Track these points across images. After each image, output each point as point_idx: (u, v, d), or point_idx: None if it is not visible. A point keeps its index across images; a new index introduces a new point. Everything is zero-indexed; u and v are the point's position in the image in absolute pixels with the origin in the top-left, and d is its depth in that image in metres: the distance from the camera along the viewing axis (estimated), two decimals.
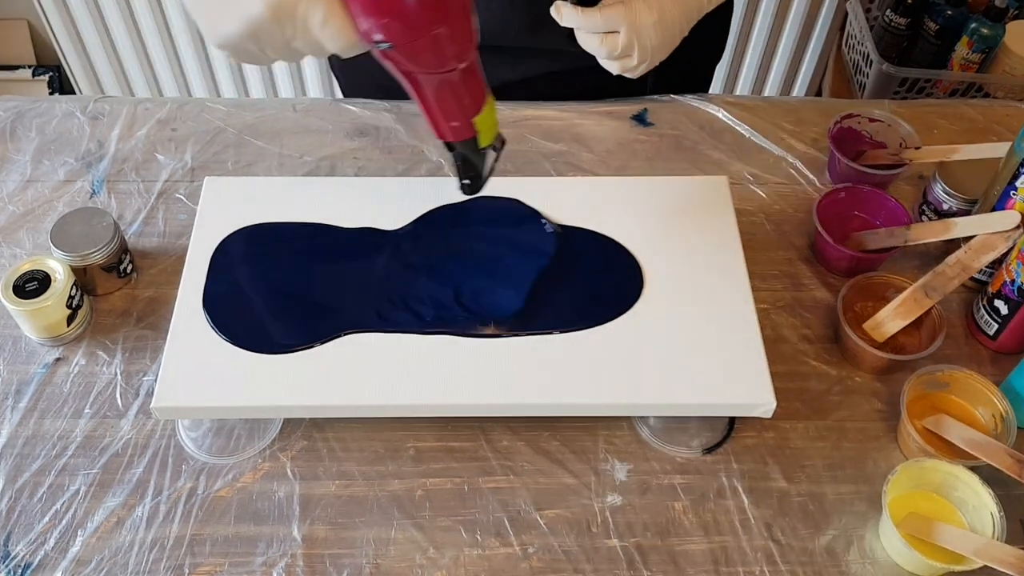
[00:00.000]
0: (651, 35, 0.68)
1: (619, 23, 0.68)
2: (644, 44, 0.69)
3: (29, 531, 0.64)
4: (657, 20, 0.68)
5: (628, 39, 0.68)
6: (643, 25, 0.68)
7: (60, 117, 0.91)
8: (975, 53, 1.37)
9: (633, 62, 0.70)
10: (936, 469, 0.65)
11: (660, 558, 0.64)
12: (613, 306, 0.70)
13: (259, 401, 0.65)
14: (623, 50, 0.69)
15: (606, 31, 0.68)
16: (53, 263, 0.73)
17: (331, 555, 0.64)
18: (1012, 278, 0.71)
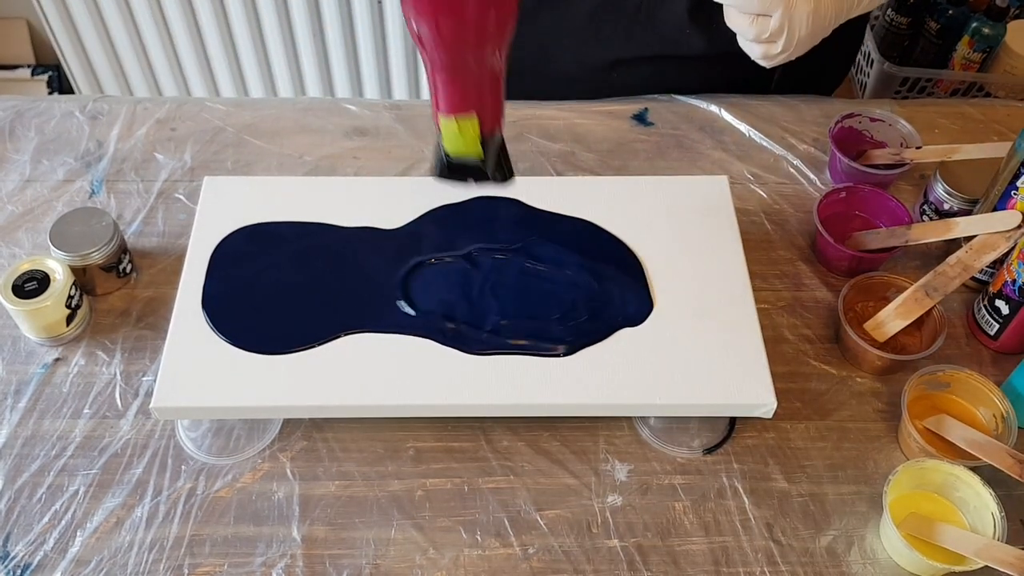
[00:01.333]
0: (803, 24, 0.66)
1: (775, 6, 0.65)
2: (793, 33, 0.66)
3: (28, 531, 0.64)
4: (812, 11, 0.66)
5: (780, 24, 0.66)
6: (798, 13, 0.65)
7: (59, 117, 0.91)
8: (976, 52, 1.37)
9: (777, 48, 0.67)
10: (937, 469, 0.64)
11: (660, 558, 0.64)
12: (618, 322, 0.69)
13: (259, 401, 0.65)
14: (772, 34, 0.66)
15: (760, 12, 0.66)
16: (52, 263, 0.73)
17: (331, 555, 0.64)
18: (1013, 278, 0.71)
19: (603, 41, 0.87)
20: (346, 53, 1.65)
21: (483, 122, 0.60)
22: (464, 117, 0.59)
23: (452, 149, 0.61)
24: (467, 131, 0.59)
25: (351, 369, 0.66)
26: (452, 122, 0.58)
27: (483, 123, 0.60)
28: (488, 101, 0.59)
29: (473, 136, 0.60)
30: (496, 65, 0.57)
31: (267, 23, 1.60)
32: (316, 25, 1.60)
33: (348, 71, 1.68)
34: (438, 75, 0.57)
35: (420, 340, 0.68)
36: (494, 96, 0.59)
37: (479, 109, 0.59)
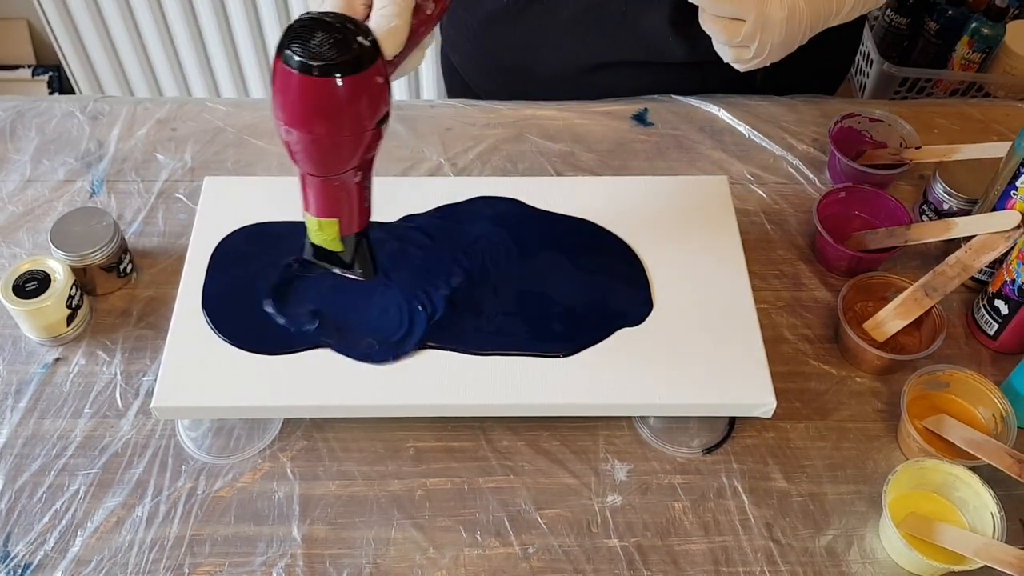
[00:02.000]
0: (776, 31, 0.66)
1: (748, 11, 0.65)
2: (766, 39, 0.66)
3: (29, 531, 0.64)
4: (786, 17, 0.66)
5: (752, 30, 0.66)
6: (771, 19, 0.65)
7: (60, 117, 0.91)
8: (975, 53, 1.37)
9: (749, 54, 0.68)
10: (936, 469, 0.64)
11: (660, 558, 0.64)
12: (618, 322, 0.69)
13: (259, 401, 0.65)
14: (744, 39, 0.66)
15: (732, 16, 0.66)
16: (53, 263, 0.73)
17: (331, 555, 0.64)
18: (1012, 278, 0.71)
19: (588, 44, 0.87)
20: None
21: (343, 226, 0.61)
22: (325, 219, 0.60)
23: (315, 241, 0.62)
24: (328, 230, 0.61)
25: (351, 369, 0.66)
26: (314, 220, 0.60)
27: (343, 227, 0.61)
28: (348, 210, 0.60)
29: (333, 236, 0.61)
30: (359, 181, 0.58)
31: (267, 23, 1.60)
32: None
33: None
34: (303, 181, 0.59)
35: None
36: (356, 205, 0.60)
37: (339, 216, 0.60)
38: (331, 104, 0.52)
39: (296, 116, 0.53)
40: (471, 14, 0.93)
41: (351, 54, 0.51)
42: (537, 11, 0.87)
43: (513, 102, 0.93)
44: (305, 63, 0.50)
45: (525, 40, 0.90)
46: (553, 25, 0.87)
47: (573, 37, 0.88)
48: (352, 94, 0.52)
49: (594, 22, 0.85)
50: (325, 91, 0.51)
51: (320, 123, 0.53)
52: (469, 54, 0.99)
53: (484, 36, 0.93)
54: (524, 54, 0.92)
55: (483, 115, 0.92)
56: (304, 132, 0.53)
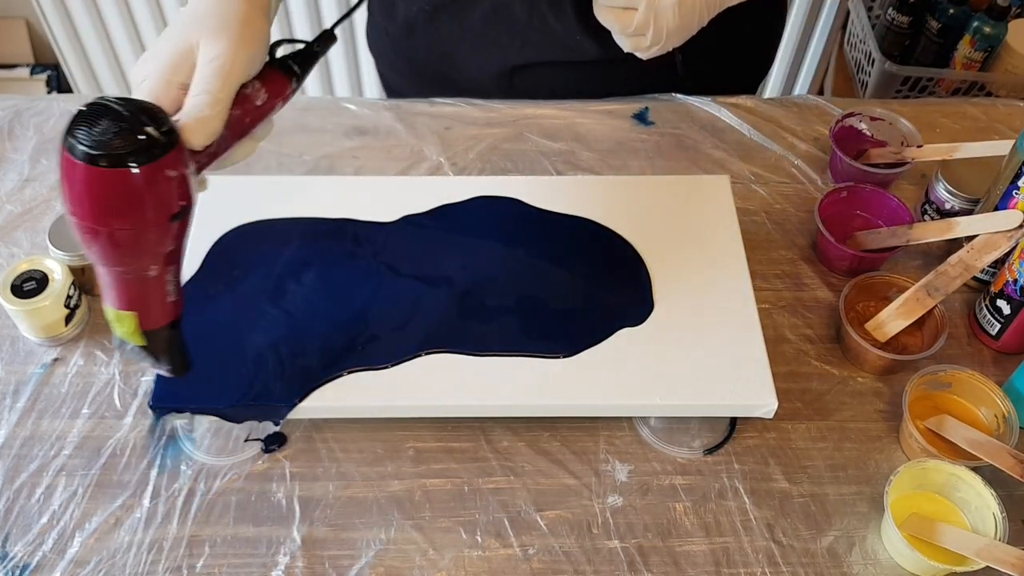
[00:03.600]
0: (669, 17, 0.66)
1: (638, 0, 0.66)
2: (660, 25, 0.66)
3: (27, 532, 0.64)
4: (678, 2, 0.66)
5: (645, 18, 0.66)
6: (663, 5, 0.66)
7: (58, 116, 0.91)
8: (977, 52, 1.37)
9: (646, 42, 0.68)
10: (938, 470, 0.64)
11: (661, 559, 0.64)
12: (618, 322, 0.69)
13: (257, 402, 0.65)
14: (637, 28, 0.66)
15: (625, 6, 0.66)
16: (51, 263, 0.73)
17: (330, 556, 0.63)
18: (1015, 278, 0.71)
19: (500, 47, 0.87)
20: (346, 53, 1.65)
21: (143, 320, 0.55)
22: (123, 311, 0.55)
23: (114, 331, 0.57)
24: (125, 323, 0.55)
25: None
26: (111, 311, 0.55)
27: (143, 321, 0.55)
28: (147, 304, 0.55)
29: (132, 329, 0.56)
30: (157, 275, 0.53)
31: None
32: (316, 25, 1.60)
33: (348, 71, 1.68)
34: (98, 271, 0.54)
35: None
36: (157, 299, 0.55)
37: (137, 309, 0.55)
38: (112, 196, 0.48)
39: (77, 206, 0.49)
40: (389, 21, 0.93)
41: (136, 144, 0.47)
42: (448, 17, 0.88)
43: (513, 101, 0.92)
44: (86, 152, 0.47)
45: (442, 46, 0.91)
46: (465, 30, 0.88)
47: (485, 41, 0.88)
48: (135, 186, 0.48)
49: (503, 24, 0.85)
50: (105, 182, 0.48)
51: (101, 216, 0.49)
52: (393, 63, 0.99)
53: (404, 44, 0.94)
54: (442, 61, 0.92)
55: (483, 114, 0.92)
56: (84, 223, 0.49)
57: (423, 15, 0.89)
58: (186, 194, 0.51)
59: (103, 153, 0.47)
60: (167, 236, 0.52)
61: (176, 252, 0.54)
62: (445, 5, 0.87)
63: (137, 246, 0.51)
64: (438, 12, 0.87)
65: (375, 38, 1.00)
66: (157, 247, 0.52)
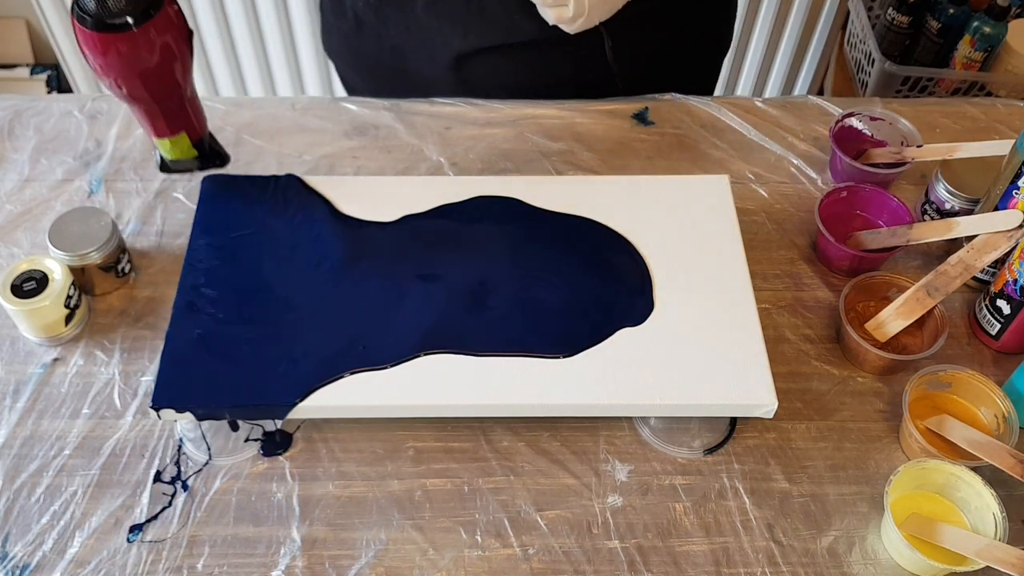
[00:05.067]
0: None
1: None
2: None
3: (27, 532, 0.64)
4: None
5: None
6: None
7: (58, 116, 0.91)
8: (977, 52, 1.37)
9: (569, 13, 0.69)
10: (938, 470, 0.64)
11: (661, 559, 0.64)
12: (618, 322, 0.69)
13: (258, 401, 0.65)
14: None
15: None
16: (51, 263, 0.73)
17: (330, 556, 0.63)
18: (1015, 277, 0.71)
19: (443, 35, 0.88)
20: None
21: (191, 135, 0.75)
22: (176, 136, 0.73)
23: (171, 158, 0.74)
24: (180, 144, 0.74)
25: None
26: (166, 142, 0.73)
27: (191, 136, 0.75)
28: (191, 120, 0.74)
29: (186, 146, 0.75)
30: (187, 95, 0.73)
31: (266, 22, 1.59)
32: (315, 24, 1.60)
33: None
34: (142, 114, 0.73)
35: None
36: (194, 114, 0.75)
37: (185, 128, 0.74)
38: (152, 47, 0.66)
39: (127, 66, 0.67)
40: (341, 19, 0.94)
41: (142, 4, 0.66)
42: (393, 10, 0.88)
43: (513, 101, 0.92)
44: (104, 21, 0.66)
45: (390, 41, 0.91)
46: (410, 21, 0.88)
47: (429, 30, 0.88)
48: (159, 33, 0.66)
49: (446, 11, 0.86)
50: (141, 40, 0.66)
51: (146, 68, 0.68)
52: (349, 62, 1.00)
53: (355, 41, 0.94)
54: (393, 55, 0.92)
55: (483, 114, 0.92)
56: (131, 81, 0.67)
57: (370, 8, 0.89)
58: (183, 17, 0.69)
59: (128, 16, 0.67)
60: (191, 60, 0.71)
61: (190, 77, 0.73)
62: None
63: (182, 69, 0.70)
64: (383, 5, 0.88)
65: (329, 39, 1.00)
66: (186, 67, 0.71)
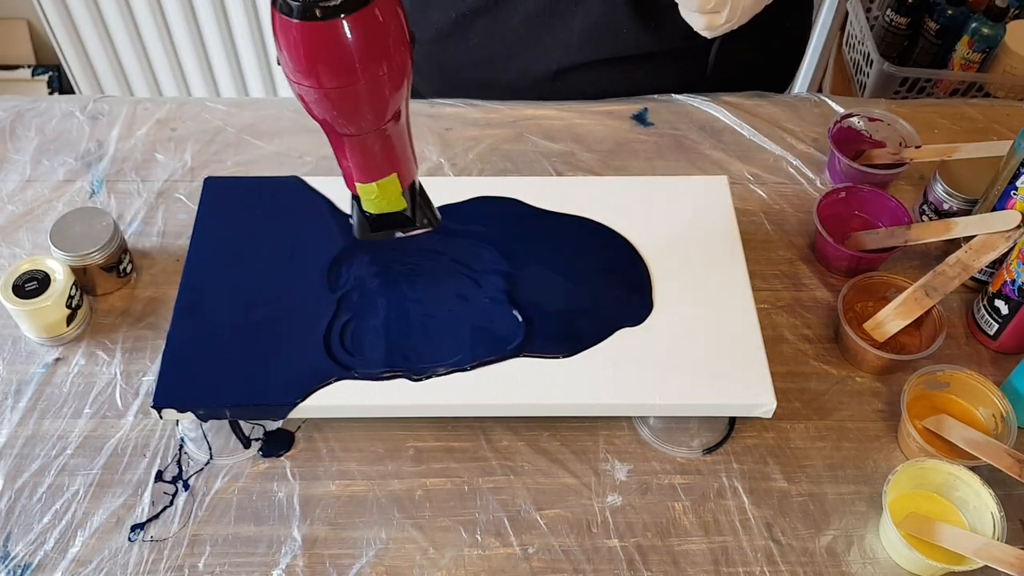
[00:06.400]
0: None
1: None
2: (738, 2, 0.66)
3: (29, 531, 0.64)
4: None
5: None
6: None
7: (60, 117, 0.91)
8: (976, 53, 1.37)
9: (721, 19, 0.67)
10: (936, 469, 0.64)
11: (660, 558, 0.64)
12: (618, 322, 0.69)
13: (258, 402, 0.65)
14: (716, 4, 0.65)
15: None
16: (53, 263, 0.73)
17: (331, 555, 0.64)
18: (1012, 278, 0.71)
19: (543, 49, 0.87)
20: None
21: (402, 178, 0.59)
22: (384, 178, 0.59)
23: (376, 209, 0.60)
24: (388, 190, 0.59)
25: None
26: (372, 186, 0.58)
27: (402, 179, 0.59)
28: (403, 158, 0.59)
29: (396, 192, 0.59)
30: (401, 127, 0.57)
31: (267, 23, 1.60)
32: None
33: None
34: (349, 152, 0.57)
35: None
36: (407, 152, 0.59)
37: (396, 168, 0.59)
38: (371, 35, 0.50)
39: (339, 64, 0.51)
40: (421, 31, 0.92)
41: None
42: (487, 23, 0.87)
43: (512, 102, 0.92)
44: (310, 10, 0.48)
45: (478, 54, 0.90)
46: (506, 34, 0.87)
47: (526, 45, 0.87)
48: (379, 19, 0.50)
49: (546, 26, 0.85)
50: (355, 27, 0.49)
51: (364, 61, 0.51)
52: (424, 73, 0.98)
53: (437, 54, 0.92)
54: (478, 69, 0.91)
55: (483, 115, 0.92)
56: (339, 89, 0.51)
57: (460, 21, 0.87)
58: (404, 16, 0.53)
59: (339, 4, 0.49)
60: (410, 69, 0.55)
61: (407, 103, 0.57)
62: (483, 10, 0.86)
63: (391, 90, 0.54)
64: (476, 18, 0.87)
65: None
66: (407, 84, 0.55)
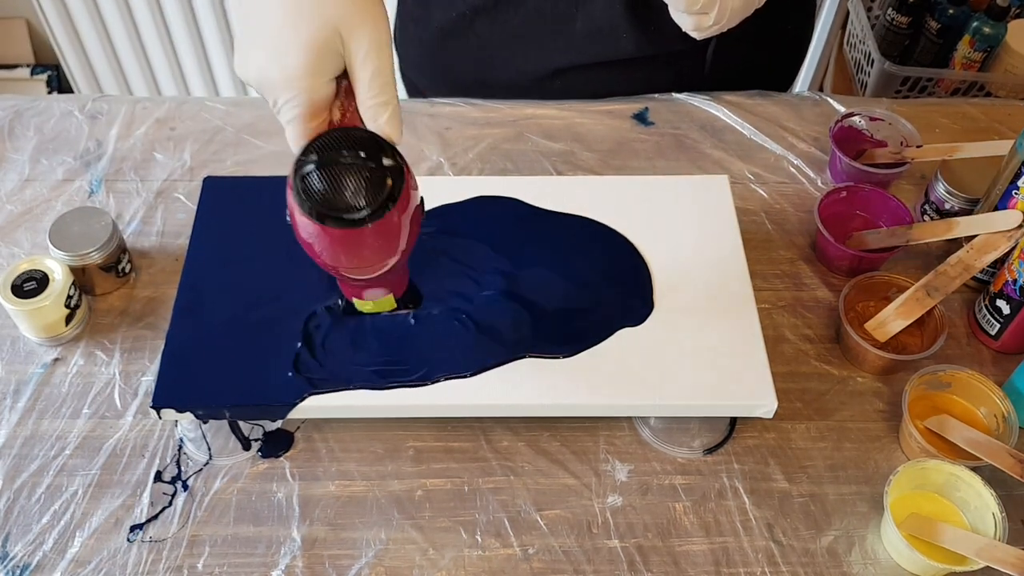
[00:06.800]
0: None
1: None
2: (726, 4, 0.65)
3: (27, 532, 0.64)
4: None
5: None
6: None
7: (58, 116, 0.91)
8: (977, 52, 1.37)
9: (709, 21, 0.66)
10: (938, 470, 0.64)
11: (661, 559, 0.64)
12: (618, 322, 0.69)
13: (258, 402, 0.65)
14: (703, 6, 0.65)
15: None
16: (51, 263, 0.73)
17: (330, 556, 0.63)
18: (1014, 277, 0.71)
19: (542, 50, 0.87)
20: None
21: (396, 294, 0.62)
22: (380, 299, 0.62)
23: (368, 311, 0.64)
24: (382, 304, 0.63)
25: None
26: (368, 304, 0.62)
27: (396, 295, 0.62)
28: (399, 281, 0.62)
29: (389, 304, 0.63)
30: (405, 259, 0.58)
31: None
32: None
33: None
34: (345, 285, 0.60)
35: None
36: (402, 273, 0.62)
37: (392, 288, 0.62)
38: (390, 236, 0.52)
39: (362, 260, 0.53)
40: (423, 29, 0.92)
41: (385, 191, 0.50)
42: (487, 22, 0.87)
43: (512, 101, 0.92)
44: (364, 216, 0.49)
45: (479, 52, 0.90)
46: (506, 34, 0.87)
47: (526, 44, 0.87)
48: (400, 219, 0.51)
49: (547, 25, 0.85)
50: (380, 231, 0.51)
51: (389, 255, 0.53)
52: (425, 70, 0.99)
53: (438, 51, 0.93)
54: (478, 66, 0.92)
55: (483, 115, 0.92)
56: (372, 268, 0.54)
57: (461, 20, 0.88)
58: (416, 183, 0.54)
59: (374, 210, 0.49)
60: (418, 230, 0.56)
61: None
62: (483, 9, 0.86)
63: (410, 249, 0.55)
64: (476, 16, 0.87)
65: (406, 46, 0.99)
66: (413, 244, 0.56)
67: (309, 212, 0.49)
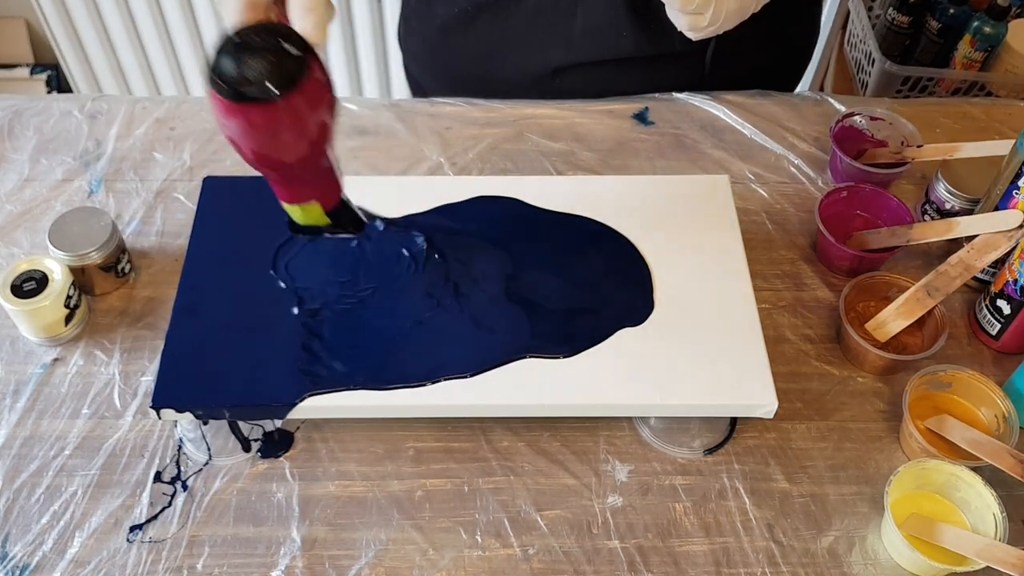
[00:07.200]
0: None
1: None
2: (721, 5, 0.65)
3: (27, 532, 0.64)
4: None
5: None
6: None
7: (58, 116, 0.91)
8: (977, 52, 1.37)
9: (704, 21, 0.67)
10: (938, 470, 0.64)
11: (661, 559, 0.64)
12: (618, 322, 0.69)
13: (258, 402, 0.65)
14: (698, 6, 0.65)
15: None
16: (51, 263, 0.73)
17: (330, 556, 0.63)
18: (1015, 277, 0.71)
19: (542, 48, 0.87)
20: (346, 52, 1.65)
21: (324, 204, 0.63)
22: (306, 204, 0.62)
23: (301, 222, 0.64)
24: (311, 212, 0.63)
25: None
26: (296, 208, 0.63)
27: (324, 204, 0.63)
28: (324, 188, 0.62)
29: (318, 214, 0.63)
30: (325, 163, 0.59)
31: None
32: None
33: (348, 70, 1.68)
34: (272, 182, 0.61)
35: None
36: (330, 182, 0.62)
37: (318, 197, 0.62)
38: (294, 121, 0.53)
39: (267, 138, 0.53)
40: (426, 25, 0.93)
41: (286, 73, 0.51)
42: (489, 19, 0.87)
43: (512, 101, 0.92)
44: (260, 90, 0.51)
45: (479, 49, 0.91)
46: (506, 31, 0.88)
47: (527, 42, 0.88)
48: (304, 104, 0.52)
49: (547, 24, 0.85)
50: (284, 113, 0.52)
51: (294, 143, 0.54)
52: (427, 65, 0.99)
53: (439, 47, 0.94)
54: (479, 63, 0.92)
55: (483, 114, 0.92)
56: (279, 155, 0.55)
57: (463, 16, 0.88)
58: (330, 81, 0.55)
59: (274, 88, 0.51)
60: (333, 125, 0.56)
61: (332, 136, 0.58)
62: (485, 6, 0.86)
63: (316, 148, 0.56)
64: (479, 13, 0.87)
65: (410, 42, 0.99)
66: (327, 139, 0.57)
67: (212, 83, 0.51)
